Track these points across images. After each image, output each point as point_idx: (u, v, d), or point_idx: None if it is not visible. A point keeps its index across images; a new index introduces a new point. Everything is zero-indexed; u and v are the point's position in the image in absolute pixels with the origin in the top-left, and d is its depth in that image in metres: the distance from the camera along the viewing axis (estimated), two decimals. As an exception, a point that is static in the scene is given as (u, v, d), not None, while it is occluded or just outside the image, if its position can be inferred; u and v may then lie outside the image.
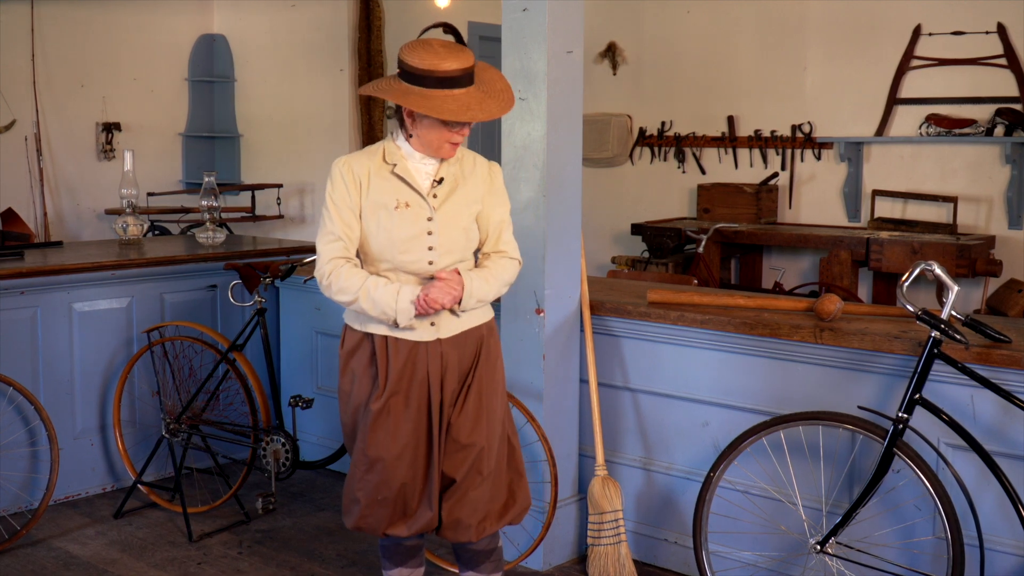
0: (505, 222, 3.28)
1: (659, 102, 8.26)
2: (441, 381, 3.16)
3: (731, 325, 3.70)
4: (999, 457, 3.16)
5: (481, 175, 3.24)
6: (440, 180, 3.15)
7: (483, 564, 3.35)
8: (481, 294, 3.15)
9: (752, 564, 3.75)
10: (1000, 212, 6.78)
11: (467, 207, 3.17)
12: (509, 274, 3.26)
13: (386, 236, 3.11)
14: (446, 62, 2.98)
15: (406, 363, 3.14)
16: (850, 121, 7.37)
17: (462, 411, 3.17)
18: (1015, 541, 3.23)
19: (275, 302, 5.25)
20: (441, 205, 3.13)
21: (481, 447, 3.18)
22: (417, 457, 3.18)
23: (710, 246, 7.17)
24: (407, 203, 3.11)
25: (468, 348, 3.21)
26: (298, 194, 9.31)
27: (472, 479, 3.19)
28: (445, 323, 3.16)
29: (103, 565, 4.12)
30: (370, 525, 3.23)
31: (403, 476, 3.17)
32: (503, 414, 3.29)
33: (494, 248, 3.26)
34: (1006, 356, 3.15)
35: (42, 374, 4.65)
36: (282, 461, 4.47)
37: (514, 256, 3.29)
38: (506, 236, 3.28)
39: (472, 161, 3.25)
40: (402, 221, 3.10)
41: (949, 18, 6.87)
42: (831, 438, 3.52)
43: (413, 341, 3.13)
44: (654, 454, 4.04)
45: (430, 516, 3.20)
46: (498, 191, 3.26)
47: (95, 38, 8.76)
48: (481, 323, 3.25)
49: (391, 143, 3.18)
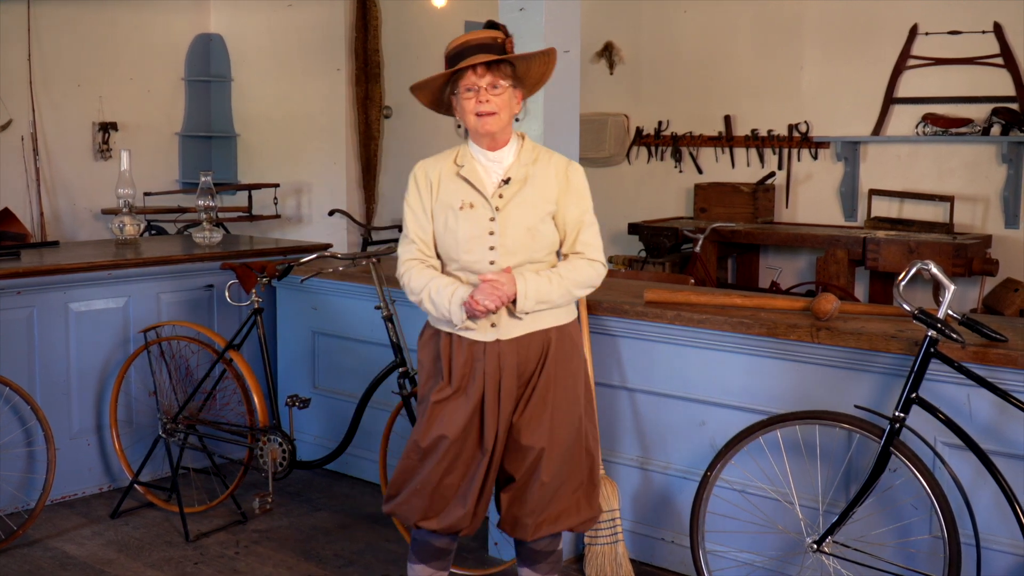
0: (584, 223, 3.19)
1: (656, 102, 8.26)
2: (499, 382, 3.14)
3: (728, 325, 3.70)
4: (995, 456, 3.17)
5: (555, 174, 3.18)
6: (507, 180, 3.14)
7: (539, 564, 3.33)
8: (541, 295, 3.08)
9: (749, 563, 3.75)
10: (996, 211, 6.79)
11: (534, 207, 3.13)
12: (583, 275, 3.17)
13: (452, 237, 3.13)
14: (475, 35, 3.06)
15: (466, 362, 3.15)
16: (847, 120, 7.37)
17: (524, 413, 3.15)
18: (1011, 540, 3.24)
19: (272, 302, 5.24)
20: (505, 206, 3.11)
21: (541, 449, 3.13)
22: (463, 454, 3.17)
23: (707, 245, 7.17)
24: (471, 204, 3.12)
25: (531, 351, 3.15)
26: (295, 194, 9.31)
27: (530, 480, 3.17)
28: (505, 325, 3.12)
29: (100, 565, 4.12)
30: (404, 513, 3.26)
31: (451, 470, 3.17)
32: (579, 421, 3.23)
33: (571, 249, 3.20)
34: (1002, 355, 3.15)
35: (38, 374, 4.64)
36: (279, 461, 4.46)
37: (593, 257, 3.19)
38: (584, 237, 3.19)
39: (547, 160, 3.20)
40: (466, 222, 3.11)
41: (946, 17, 6.88)
42: (828, 437, 3.52)
43: (473, 340, 3.14)
44: (651, 453, 4.04)
45: (461, 514, 3.19)
46: (576, 191, 3.19)
47: (92, 38, 8.75)
48: (550, 326, 3.17)
49: (465, 147, 3.21)
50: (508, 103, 3.10)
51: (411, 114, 8.98)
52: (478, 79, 3.04)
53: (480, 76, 3.04)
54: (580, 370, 3.27)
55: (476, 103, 3.05)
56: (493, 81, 3.05)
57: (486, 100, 3.05)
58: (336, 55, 8.98)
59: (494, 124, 3.08)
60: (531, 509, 3.18)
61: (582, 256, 3.19)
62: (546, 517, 3.20)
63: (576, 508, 3.27)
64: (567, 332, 3.23)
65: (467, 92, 3.06)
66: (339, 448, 4.49)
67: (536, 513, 3.18)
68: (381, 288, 4.22)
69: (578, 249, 3.19)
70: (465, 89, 3.06)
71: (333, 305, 5.01)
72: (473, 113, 3.07)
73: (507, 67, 3.09)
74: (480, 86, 3.04)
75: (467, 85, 3.05)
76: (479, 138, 3.15)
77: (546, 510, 3.20)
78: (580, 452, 3.25)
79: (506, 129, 3.15)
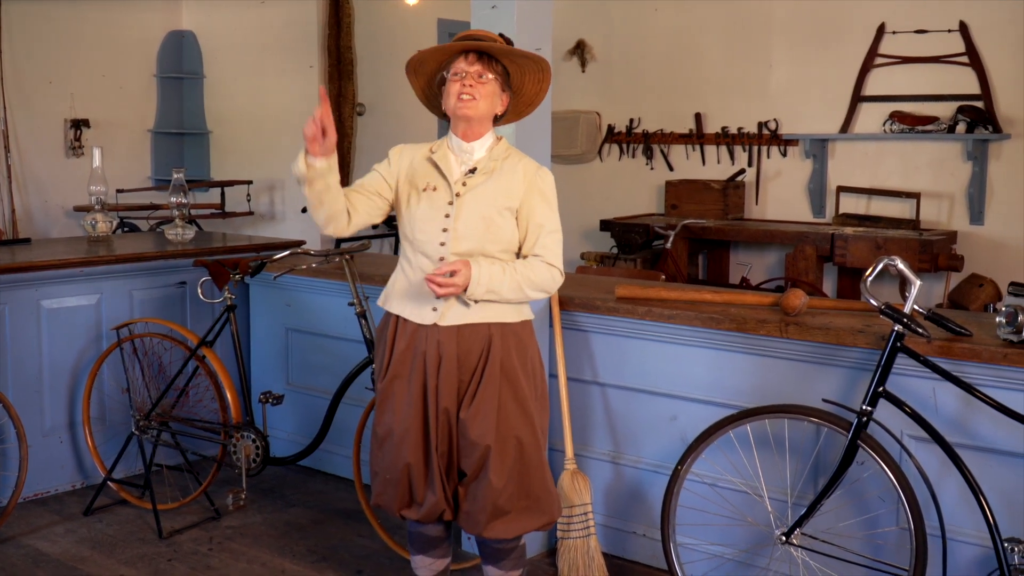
0: (547, 229, 3.20)
1: (627, 99, 8.28)
2: (438, 368, 3.14)
3: (698, 320, 3.72)
4: (961, 449, 3.20)
5: (523, 173, 3.21)
6: (473, 170, 3.19)
7: (502, 561, 3.33)
8: (493, 285, 3.08)
9: (719, 556, 3.77)
10: (962, 208, 6.85)
11: (494, 199, 3.16)
12: (538, 276, 3.17)
13: (410, 216, 3.21)
14: (480, 32, 3.21)
15: (407, 346, 3.18)
16: (815, 118, 7.42)
17: (469, 407, 3.15)
18: (977, 531, 3.27)
19: (245, 299, 5.22)
20: (466, 193, 3.16)
21: (487, 447, 3.12)
22: (418, 441, 3.19)
23: (678, 242, 7.20)
24: (435, 187, 3.19)
25: (473, 343, 3.15)
26: (268, 190, 9.26)
27: (479, 477, 3.17)
28: (448, 311, 3.14)
29: (73, 563, 4.09)
30: (386, 504, 3.29)
31: (406, 457, 3.18)
32: (530, 425, 3.20)
33: (531, 251, 3.21)
34: (967, 349, 3.18)
35: (10, 371, 4.60)
36: (252, 457, 4.45)
37: (551, 262, 3.19)
38: (545, 241, 3.20)
39: (517, 160, 3.24)
40: (425, 203, 3.18)
41: (912, 17, 6.93)
42: (796, 431, 3.54)
43: (416, 324, 3.18)
44: (623, 448, 4.06)
45: (434, 501, 3.20)
46: (542, 194, 3.21)
47: (63, 35, 8.66)
48: (492, 321, 3.16)
49: (445, 139, 3.29)
50: (491, 95, 3.16)
51: (384, 112, 8.96)
52: (468, 66, 3.13)
53: (470, 64, 3.14)
54: (532, 372, 3.25)
55: (461, 86, 3.13)
56: (481, 71, 3.13)
57: (471, 85, 3.13)
58: (309, 52, 8.94)
59: (471, 109, 3.14)
60: (482, 506, 3.18)
61: (541, 259, 3.19)
62: (499, 519, 3.19)
63: (528, 514, 3.24)
64: (512, 330, 3.20)
65: (455, 76, 3.15)
66: (312, 444, 4.48)
67: (486, 511, 3.18)
68: (354, 284, 4.21)
69: (537, 252, 3.20)
70: (453, 73, 3.15)
71: (306, 302, 5.00)
72: (456, 96, 3.14)
73: (497, 64, 3.17)
74: (468, 71, 3.13)
75: (456, 70, 3.14)
76: (456, 123, 3.21)
77: (498, 512, 3.18)
78: (533, 458, 3.22)
79: (484, 121, 3.20)
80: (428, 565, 3.43)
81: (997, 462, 3.25)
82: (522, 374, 3.21)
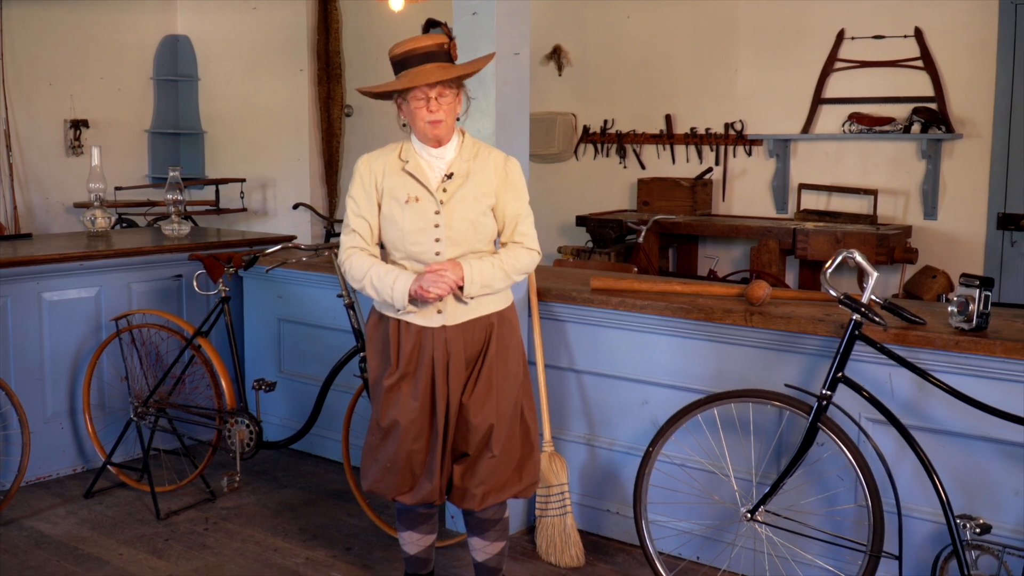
0: (522, 215, 3.23)
1: (602, 101, 8.27)
2: (447, 365, 3.16)
3: (668, 310, 3.72)
4: (915, 431, 3.22)
5: (493, 168, 3.21)
6: (450, 175, 3.15)
7: (488, 532, 3.34)
8: (485, 280, 3.12)
9: (688, 532, 3.78)
10: (916, 204, 6.88)
11: (476, 201, 3.15)
12: (522, 262, 3.21)
13: (397, 229, 3.15)
14: (421, 42, 3.07)
15: (414, 347, 3.17)
16: (778, 119, 7.43)
17: (472, 393, 3.17)
18: (930, 508, 3.30)
19: (239, 291, 5.20)
20: (449, 200, 3.13)
21: (490, 424, 3.17)
22: (422, 433, 3.19)
23: (649, 236, 7.21)
24: (417, 198, 3.14)
25: (476, 335, 3.19)
26: (260, 188, 9.22)
27: (481, 454, 3.20)
28: (452, 310, 3.15)
29: (74, 543, 4.06)
30: (381, 490, 3.29)
31: (410, 448, 3.19)
32: (517, 396, 3.26)
33: (510, 238, 3.24)
34: (921, 337, 3.21)
35: (13, 361, 4.57)
36: (246, 442, 4.43)
37: (530, 246, 3.24)
38: (523, 228, 3.24)
39: (487, 156, 3.23)
40: (412, 215, 3.13)
41: (870, 22, 6.95)
42: (760, 414, 3.56)
43: (420, 326, 3.16)
44: (597, 431, 4.06)
45: (430, 488, 3.22)
46: (514, 184, 3.23)
47: (63, 38, 8.59)
48: (491, 312, 3.21)
49: (408, 143, 3.22)
50: (454, 107, 3.14)
51: (371, 113, 8.93)
52: (428, 90, 3.06)
53: (430, 87, 3.06)
54: (518, 350, 3.31)
55: (427, 111, 3.08)
56: (441, 91, 3.08)
57: (436, 109, 3.08)
58: (299, 56, 8.90)
59: (443, 130, 3.13)
60: (480, 480, 3.21)
61: (521, 245, 3.23)
62: (492, 487, 3.23)
63: (518, 476, 3.30)
64: (506, 316, 3.27)
65: (417, 101, 3.08)
66: (304, 429, 4.46)
67: (484, 483, 3.21)
68: (343, 277, 4.20)
69: (516, 239, 3.24)
70: (415, 98, 3.08)
71: (297, 294, 4.98)
72: (424, 120, 3.09)
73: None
74: (431, 96, 3.07)
75: (417, 95, 3.07)
76: (426, 139, 3.16)
77: (491, 480, 3.22)
78: (519, 425, 3.29)
79: (451, 130, 3.18)
80: (416, 540, 3.43)
81: (949, 443, 3.28)
82: (514, 354, 3.27)
